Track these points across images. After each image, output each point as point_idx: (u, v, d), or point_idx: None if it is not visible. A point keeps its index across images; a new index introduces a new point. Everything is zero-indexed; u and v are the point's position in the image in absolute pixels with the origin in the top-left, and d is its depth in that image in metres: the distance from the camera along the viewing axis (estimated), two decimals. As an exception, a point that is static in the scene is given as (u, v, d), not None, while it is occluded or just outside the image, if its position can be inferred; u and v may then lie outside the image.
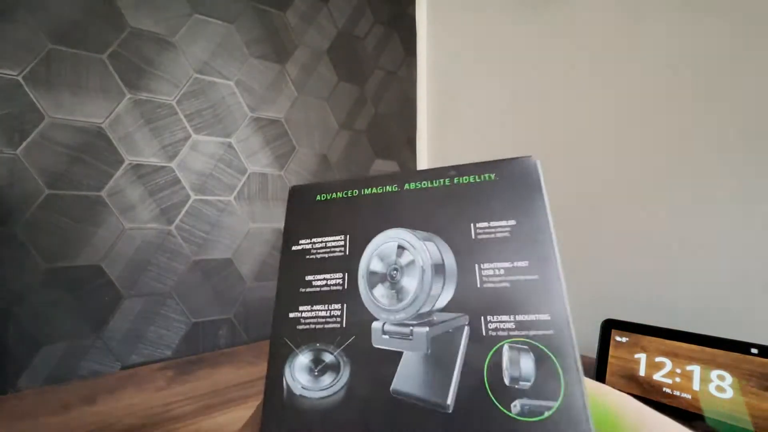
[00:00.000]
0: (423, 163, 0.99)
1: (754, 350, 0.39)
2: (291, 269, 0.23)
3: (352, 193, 0.24)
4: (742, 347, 0.39)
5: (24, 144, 0.50)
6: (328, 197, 0.25)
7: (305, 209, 0.25)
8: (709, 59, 0.54)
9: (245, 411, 0.44)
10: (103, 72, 0.56)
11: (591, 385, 0.19)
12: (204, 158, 0.64)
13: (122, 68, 0.57)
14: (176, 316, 0.61)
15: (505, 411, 0.17)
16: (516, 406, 0.17)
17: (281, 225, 0.72)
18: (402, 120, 0.93)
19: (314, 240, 0.24)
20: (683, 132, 0.57)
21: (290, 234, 0.24)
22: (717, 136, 0.54)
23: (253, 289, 0.69)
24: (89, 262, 0.54)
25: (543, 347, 0.18)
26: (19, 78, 0.50)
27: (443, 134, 0.95)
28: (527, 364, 0.18)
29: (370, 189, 0.24)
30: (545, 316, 0.19)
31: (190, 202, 0.63)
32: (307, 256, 0.24)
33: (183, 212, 0.62)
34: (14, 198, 0.50)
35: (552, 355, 0.18)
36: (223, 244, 0.66)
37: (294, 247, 0.24)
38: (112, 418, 0.42)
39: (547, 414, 0.17)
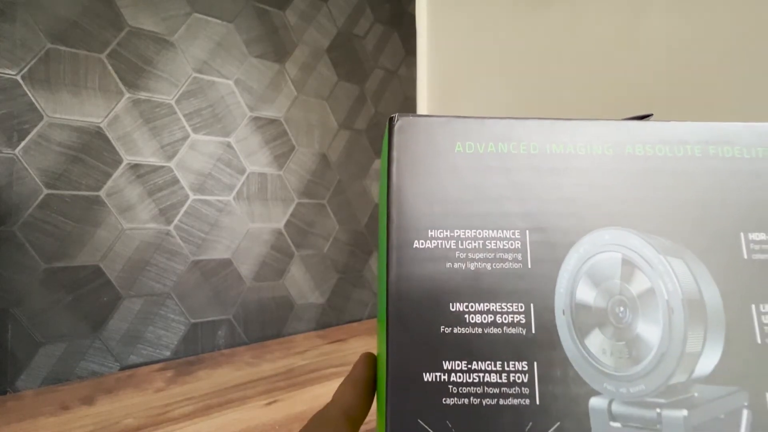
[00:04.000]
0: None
1: None
2: (416, 287, 0.13)
3: (525, 147, 0.14)
4: None
5: (23, 144, 0.50)
6: (481, 149, 0.14)
7: (435, 170, 0.14)
8: (711, 56, 0.54)
9: (244, 412, 0.44)
10: (102, 71, 0.55)
11: None
12: (203, 158, 0.64)
13: (121, 68, 0.57)
14: (175, 316, 0.61)
15: None
16: None
17: (281, 225, 0.72)
18: (402, 119, 0.93)
19: (459, 233, 0.14)
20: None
21: (407, 214, 0.14)
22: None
23: (252, 289, 0.69)
24: (88, 262, 0.54)
25: None
26: (18, 77, 0.50)
27: (443, 134, 0.94)
28: None
29: (560, 145, 0.14)
30: None
31: (189, 201, 0.62)
32: (448, 264, 0.13)
33: (182, 212, 0.62)
34: (13, 198, 0.49)
35: None
36: (222, 244, 0.66)
37: (418, 243, 0.14)
38: (111, 419, 0.42)
39: None
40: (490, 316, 0.13)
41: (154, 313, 0.59)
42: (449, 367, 0.13)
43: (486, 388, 0.13)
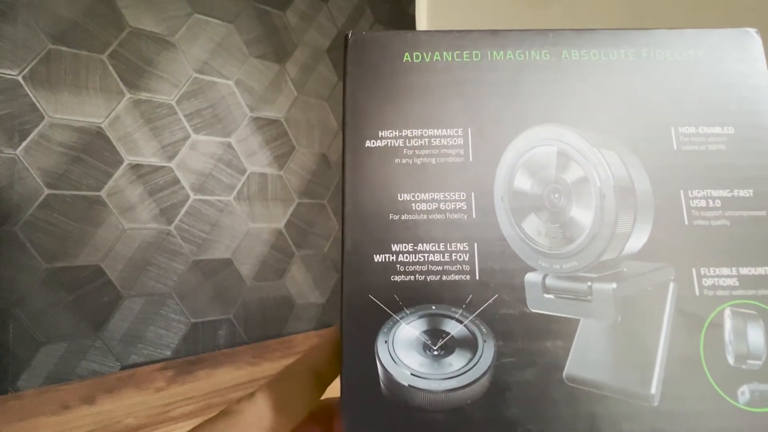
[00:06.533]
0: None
1: None
2: (368, 181, 0.15)
3: (469, 55, 0.15)
4: None
5: (24, 144, 0.50)
6: (427, 59, 0.15)
7: (385, 77, 0.15)
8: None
9: (245, 411, 0.44)
10: (103, 72, 0.56)
11: None
12: (203, 158, 0.64)
13: (122, 68, 0.57)
14: (176, 316, 0.61)
15: (729, 400, 0.13)
16: (744, 393, 0.13)
17: (281, 225, 0.72)
18: (402, 120, 0.93)
19: (407, 132, 0.15)
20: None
21: (359, 118, 0.15)
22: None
23: (252, 289, 0.69)
24: (89, 262, 0.54)
25: None
26: (19, 78, 0.50)
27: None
28: (757, 336, 0.13)
29: (501, 52, 0.15)
30: None
31: (189, 202, 0.63)
32: (396, 160, 0.15)
33: (182, 212, 0.62)
34: (14, 198, 0.50)
35: None
36: (222, 244, 0.66)
37: (369, 143, 0.15)
38: (112, 418, 0.42)
39: None
40: (434, 203, 0.14)
41: (154, 312, 0.59)
42: (397, 249, 0.14)
43: (430, 266, 0.14)
